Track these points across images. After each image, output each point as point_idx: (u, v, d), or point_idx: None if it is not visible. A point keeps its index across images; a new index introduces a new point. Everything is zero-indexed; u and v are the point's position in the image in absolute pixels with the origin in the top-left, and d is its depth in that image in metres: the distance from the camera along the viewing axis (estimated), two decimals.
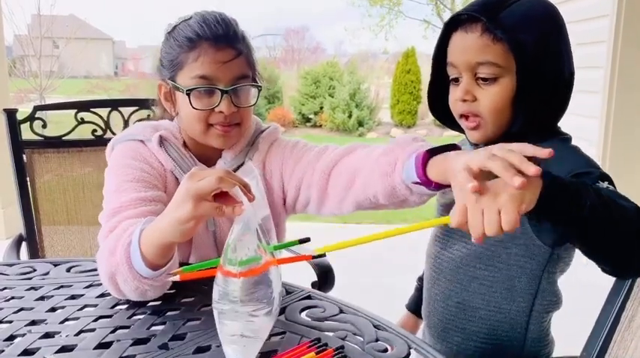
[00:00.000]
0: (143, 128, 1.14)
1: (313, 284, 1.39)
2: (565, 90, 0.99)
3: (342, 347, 0.79)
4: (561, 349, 1.10)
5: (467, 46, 0.96)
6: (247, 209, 0.77)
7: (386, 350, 0.80)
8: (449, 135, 11.34)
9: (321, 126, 12.37)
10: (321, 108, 12.44)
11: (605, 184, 0.84)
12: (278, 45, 31.33)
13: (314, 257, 0.93)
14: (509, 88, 0.95)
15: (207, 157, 1.15)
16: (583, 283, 0.87)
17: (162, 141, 1.12)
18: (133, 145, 1.11)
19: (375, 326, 0.86)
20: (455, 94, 1.00)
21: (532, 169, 0.65)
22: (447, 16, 10.46)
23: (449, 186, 0.81)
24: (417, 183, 0.91)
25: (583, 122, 3.53)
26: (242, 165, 1.16)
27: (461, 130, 1.06)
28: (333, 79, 12.67)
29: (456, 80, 1.00)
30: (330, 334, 0.84)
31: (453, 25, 0.99)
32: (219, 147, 1.13)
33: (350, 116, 11.83)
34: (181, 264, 0.98)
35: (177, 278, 0.78)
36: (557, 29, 0.98)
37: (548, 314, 1.06)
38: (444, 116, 1.08)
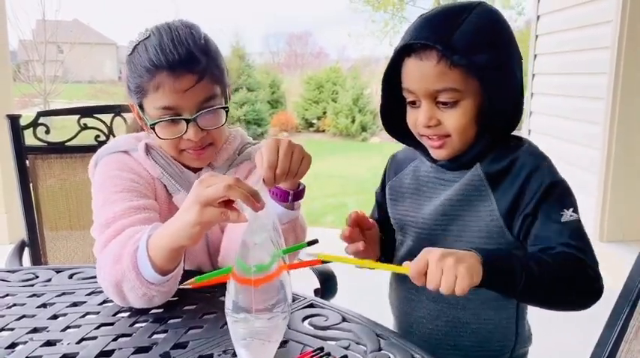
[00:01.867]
0: (126, 139, 1.15)
1: (316, 292, 1.39)
2: (520, 96, 0.99)
3: (346, 356, 0.79)
4: None
5: (424, 74, 0.94)
6: (258, 216, 0.77)
7: None
8: None
9: (324, 131, 12.38)
10: (324, 113, 12.46)
11: (569, 214, 0.92)
12: (281, 50, 31.41)
13: (323, 262, 0.93)
14: (472, 107, 0.95)
15: (193, 165, 1.15)
16: None
17: (148, 149, 1.11)
18: (117, 157, 1.11)
19: (377, 335, 0.86)
20: (416, 119, 0.98)
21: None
22: None
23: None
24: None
25: (587, 128, 3.52)
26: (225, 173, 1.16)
27: (415, 145, 1.05)
28: (336, 84, 12.69)
29: (414, 103, 0.98)
30: (333, 343, 0.83)
31: (405, 50, 0.96)
32: (196, 166, 1.13)
33: (353, 121, 11.84)
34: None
35: (189, 286, 0.78)
36: (507, 39, 0.97)
37: (526, 313, 1.06)
38: (398, 132, 1.07)
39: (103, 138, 1.66)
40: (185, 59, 1.02)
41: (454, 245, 0.99)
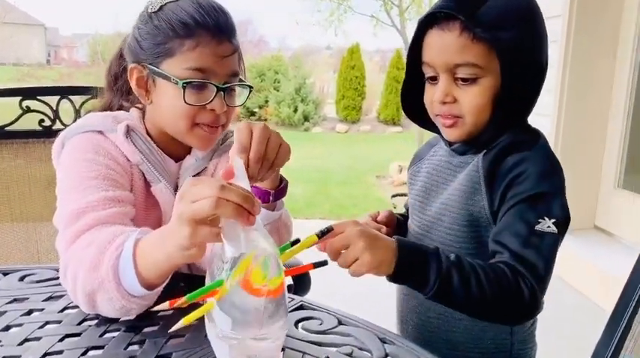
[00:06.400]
0: (102, 118, 1.01)
1: (289, 288, 1.31)
2: (539, 80, 0.96)
3: None
4: (569, 354, 1.06)
5: (445, 46, 0.91)
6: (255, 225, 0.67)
7: None
8: (392, 131, 11.46)
9: (266, 120, 12.21)
10: (266, 101, 12.29)
11: (548, 224, 0.87)
12: None
13: (315, 266, 0.84)
14: (490, 86, 0.91)
15: (176, 152, 1.05)
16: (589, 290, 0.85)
17: (129, 131, 0.99)
18: (91, 137, 0.97)
19: (380, 339, 0.79)
20: (433, 95, 0.95)
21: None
22: (395, 13, 10.49)
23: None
24: None
25: (536, 120, 3.60)
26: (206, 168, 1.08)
27: (434, 129, 1.03)
28: (278, 73, 12.54)
29: (433, 79, 0.95)
30: (334, 350, 0.76)
31: (428, 22, 0.93)
32: (199, 148, 1.03)
33: (295, 110, 11.74)
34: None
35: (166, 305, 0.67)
36: (535, 20, 0.94)
37: None
38: (414, 114, 1.04)
39: (48, 122, 1.51)
40: (228, 26, 0.98)
41: (445, 237, 0.98)
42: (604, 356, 0.87)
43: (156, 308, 0.69)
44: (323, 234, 0.78)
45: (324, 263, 0.88)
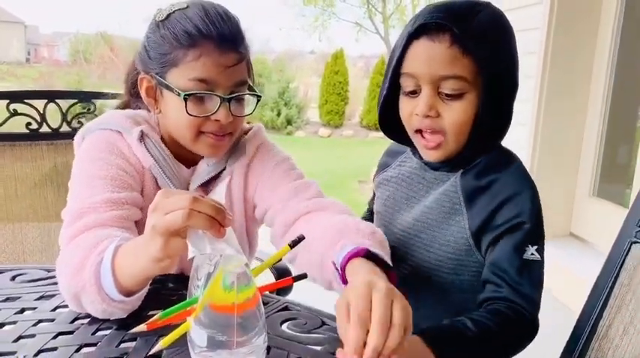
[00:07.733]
0: (121, 118, 1.03)
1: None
2: (514, 98, 0.97)
3: None
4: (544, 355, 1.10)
5: (433, 57, 0.89)
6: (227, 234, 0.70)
7: None
8: (374, 136, 11.54)
9: (249, 123, 12.20)
10: None
11: (531, 251, 0.90)
12: None
13: (295, 279, 0.86)
14: (473, 103, 0.91)
15: (188, 158, 1.06)
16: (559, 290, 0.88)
17: (142, 136, 1.00)
18: (108, 136, 1.00)
19: None
20: (414, 108, 0.93)
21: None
22: (378, 19, 10.58)
23: None
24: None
25: (513, 129, 3.68)
26: (224, 170, 1.07)
27: (408, 143, 1.02)
28: (261, 76, 12.54)
29: (413, 92, 0.93)
30: (318, 348, 0.79)
31: (415, 32, 0.91)
32: (208, 156, 1.04)
33: (279, 114, 11.76)
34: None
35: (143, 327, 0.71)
36: (513, 35, 0.95)
37: None
38: (387, 126, 1.03)
39: (35, 126, 1.53)
40: (233, 35, 0.96)
41: (424, 254, 0.98)
42: (572, 355, 0.93)
43: (133, 330, 0.74)
44: (295, 244, 0.79)
45: (303, 276, 0.90)
